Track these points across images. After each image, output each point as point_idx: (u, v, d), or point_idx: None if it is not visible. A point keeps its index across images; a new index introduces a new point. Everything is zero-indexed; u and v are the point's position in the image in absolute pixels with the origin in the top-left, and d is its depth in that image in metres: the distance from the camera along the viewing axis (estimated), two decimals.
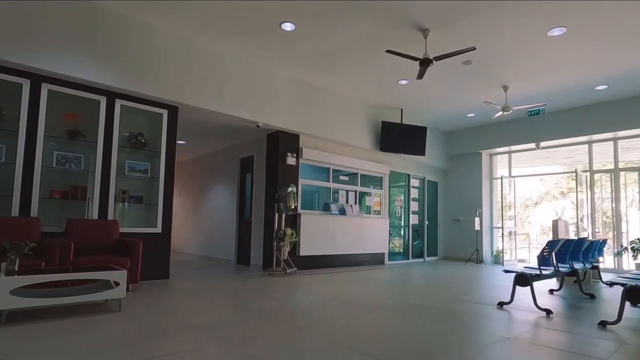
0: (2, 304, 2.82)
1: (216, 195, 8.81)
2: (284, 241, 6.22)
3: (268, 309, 3.68)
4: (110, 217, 4.92)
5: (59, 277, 3.13)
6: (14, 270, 3.06)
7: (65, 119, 4.74)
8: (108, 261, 4.21)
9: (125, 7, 4.77)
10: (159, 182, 5.37)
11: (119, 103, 4.99)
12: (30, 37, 4.22)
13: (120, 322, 3.04)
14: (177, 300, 3.97)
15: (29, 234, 4.13)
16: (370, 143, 8.19)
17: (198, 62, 5.54)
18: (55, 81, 4.52)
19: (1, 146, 4.30)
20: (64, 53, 4.42)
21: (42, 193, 4.50)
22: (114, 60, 4.78)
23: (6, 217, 4.10)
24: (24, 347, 2.39)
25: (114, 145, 4.96)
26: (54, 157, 4.64)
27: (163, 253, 5.37)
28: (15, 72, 4.27)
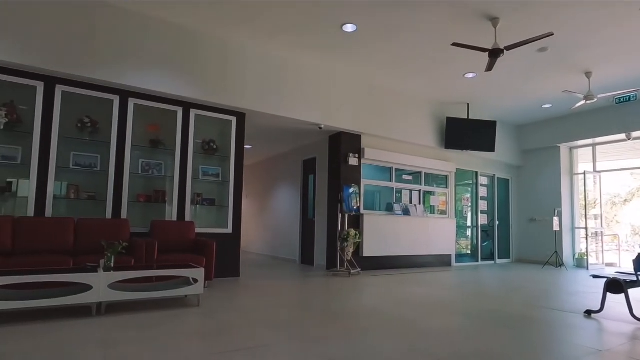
0: (102, 296, 3.18)
1: (280, 196, 9.10)
2: (348, 242, 6.25)
3: (336, 308, 3.73)
4: (187, 218, 5.32)
5: (148, 274, 3.45)
6: (111, 266, 3.43)
7: (148, 130, 5.21)
8: (186, 259, 4.55)
9: (197, 25, 5.11)
10: (229, 185, 5.68)
11: (194, 112, 5.38)
12: (119, 58, 4.71)
13: (200, 317, 3.27)
14: (248, 298, 4.18)
15: (120, 234, 4.60)
16: (435, 140, 7.92)
17: (262, 70, 5.78)
18: (140, 96, 5.00)
19: (97, 156, 4.85)
20: (147, 70, 4.87)
21: (130, 197, 4.99)
22: (188, 74, 5.16)
23: (102, 219, 4.61)
24: (122, 336, 2.67)
25: (190, 152, 5.35)
26: (139, 165, 5.13)
27: (233, 252, 5.68)
28: (107, 89, 4.80)
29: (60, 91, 4.50)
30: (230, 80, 5.48)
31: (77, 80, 4.58)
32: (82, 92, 4.65)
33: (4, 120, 4.19)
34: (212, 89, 5.33)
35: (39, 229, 4.18)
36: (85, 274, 3.14)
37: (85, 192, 4.79)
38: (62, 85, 4.51)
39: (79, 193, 4.74)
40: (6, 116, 4.20)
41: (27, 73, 4.34)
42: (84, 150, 4.80)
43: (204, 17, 4.95)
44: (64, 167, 4.62)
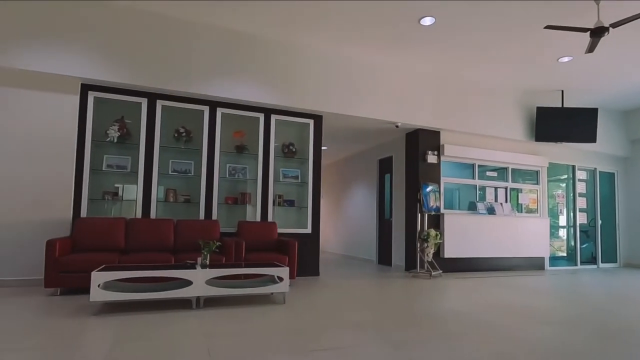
0: (201, 291, 3.49)
1: (356, 196, 9.12)
2: (428, 242, 6.05)
3: (418, 311, 3.63)
4: (269, 219, 5.59)
5: (241, 272, 3.70)
6: (207, 264, 3.75)
7: (233, 136, 5.59)
8: (270, 258, 4.79)
9: (273, 33, 5.35)
10: (308, 186, 5.85)
11: (274, 118, 5.64)
12: (209, 72, 5.11)
13: (286, 314, 3.42)
14: (330, 297, 4.26)
15: (212, 234, 5.00)
16: (523, 133, 7.31)
17: (337, 72, 5.84)
18: (227, 105, 5.38)
19: (190, 162, 5.33)
20: (233, 81, 5.22)
21: (219, 199, 5.40)
22: (269, 81, 5.42)
23: (196, 220, 5.05)
24: (220, 329, 2.90)
25: (271, 156, 5.62)
26: (226, 169, 5.52)
27: (313, 252, 5.83)
28: (198, 101, 5.24)
29: (160, 105, 5.04)
30: (307, 84, 5.64)
31: (174, 94, 5.08)
32: (178, 105, 5.15)
33: (116, 134, 4.81)
34: (290, 94, 5.53)
35: (145, 229, 4.71)
36: (186, 271, 3.47)
37: (181, 195, 5.29)
38: (162, 100, 5.05)
39: (177, 196, 5.24)
40: (118, 130, 4.82)
41: (134, 91, 4.93)
42: (180, 157, 5.31)
43: (281, 25, 5.15)
44: (164, 174, 5.16)
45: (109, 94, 4.82)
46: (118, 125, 4.85)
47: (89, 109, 4.72)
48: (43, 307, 3.46)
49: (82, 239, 4.41)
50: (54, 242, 3.92)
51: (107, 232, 4.51)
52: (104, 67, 4.62)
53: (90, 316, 3.16)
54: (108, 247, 4.49)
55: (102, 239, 4.48)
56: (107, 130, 4.84)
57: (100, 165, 4.89)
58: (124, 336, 2.66)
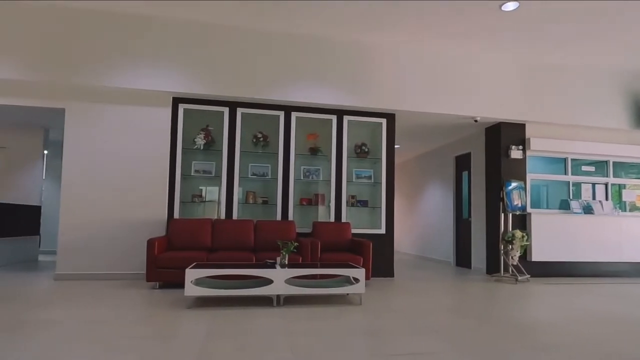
0: (281, 289, 3.66)
1: (431, 195, 8.81)
2: (513, 244, 5.63)
3: (505, 319, 3.41)
4: (343, 219, 5.65)
5: (319, 272, 3.80)
6: (285, 263, 3.91)
7: (307, 139, 5.76)
8: (345, 259, 4.84)
9: (346, 34, 5.39)
10: (381, 186, 5.80)
11: (346, 119, 5.69)
12: (285, 78, 5.32)
13: (363, 315, 3.44)
14: (407, 299, 4.18)
15: (288, 234, 5.20)
16: (627, 121, 6.45)
17: (409, 68, 5.70)
18: (300, 109, 5.56)
19: (268, 165, 5.60)
20: (306, 86, 5.37)
21: (295, 201, 5.60)
22: (342, 82, 5.48)
23: (273, 221, 5.29)
24: (300, 327, 3.01)
25: (344, 156, 5.67)
26: (301, 171, 5.70)
27: (387, 253, 5.76)
28: (274, 106, 5.49)
29: (240, 113, 5.38)
30: (380, 83, 5.59)
31: (252, 102, 5.38)
32: (256, 111, 5.45)
33: (202, 141, 5.24)
34: (362, 94, 5.53)
35: (229, 229, 5.06)
36: (269, 270, 3.66)
37: (260, 197, 5.58)
38: (241, 107, 5.38)
39: (256, 198, 5.54)
40: (204, 138, 5.25)
41: (217, 101, 5.32)
42: (258, 161, 5.61)
43: (354, 25, 5.17)
44: (244, 177, 5.50)
45: (196, 105, 5.27)
46: (204, 134, 5.28)
47: (179, 120, 5.21)
48: (146, 299, 3.90)
49: (175, 238, 4.88)
50: (154, 241, 4.39)
51: (196, 232, 4.93)
52: (191, 81, 5.06)
53: (185, 309, 3.49)
54: (197, 245, 4.91)
55: (192, 239, 4.91)
56: (194, 139, 5.30)
57: (189, 170, 5.37)
58: (215, 329, 2.89)
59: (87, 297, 3.91)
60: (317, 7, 4.70)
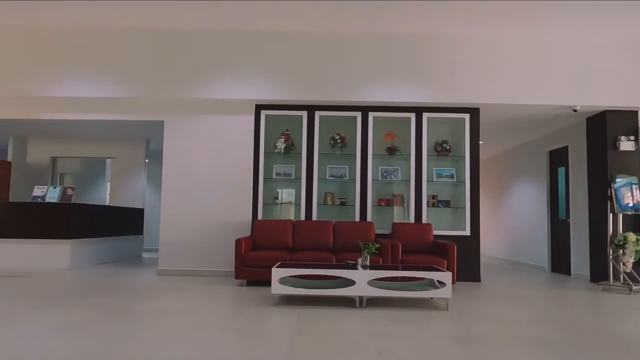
0: (363, 291, 3.63)
1: (519, 193, 8.11)
2: (626, 249, 4.93)
3: (616, 333, 2.98)
4: (424, 220, 5.44)
5: (400, 274, 3.71)
6: (367, 265, 3.87)
7: (384, 139, 5.67)
8: (427, 261, 4.65)
9: (423, 29, 5.21)
10: (465, 185, 5.48)
11: (426, 116, 5.49)
12: (361, 79, 5.31)
13: (450, 321, 3.26)
14: (497, 306, 3.88)
15: (367, 235, 5.15)
16: None
17: (495, 58, 5.31)
18: (378, 108, 5.49)
19: (345, 167, 5.63)
20: (383, 84, 5.30)
21: (373, 201, 5.54)
22: (420, 79, 5.30)
23: (352, 222, 5.28)
24: (385, 329, 2.95)
25: (424, 155, 5.48)
26: (379, 172, 5.63)
27: (473, 256, 5.42)
28: (351, 108, 5.49)
29: (318, 116, 5.49)
30: (461, 76, 5.30)
31: (330, 104, 5.45)
32: (333, 113, 5.51)
33: (282, 145, 5.45)
34: (443, 89, 5.29)
35: (309, 230, 5.17)
36: (352, 271, 3.66)
37: (338, 198, 5.62)
38: (319, 110, 5.49)
39: (334, 199, 5.60)
40: (284, 142, 5.45)
41: (295, 106, 5.49)
42: (336, 162, 5.66)
43: (432, 19, 4.97)
44: (322, 178, 5.58)
45: (276, 110, 5.50)
46: (284, 138, 5.48)
47: (261, 126, 5.48)
48: (236, 295, 4.15)
49: (259, 238, 5.12)
50: (241, 241, 4.65)
51: (278, 233, 5.13)
52: (272, 88, 5.29)
53: (271, 306, 3.64)
54: (279, 245, 5.10)
55: (275, 239, 5.11)
56: (275, 143, 5.52)
57: (270, 173, 5.61)
58: (303, 327, 2.96)
59: (185, 292, 4.27)
60: (391, 5, 4.60)
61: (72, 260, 5.85)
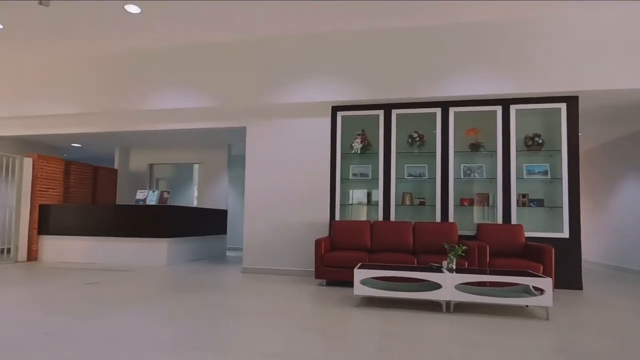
0: (450, 295, 3.45)
1: (627, 191, 7.11)
2: None
3: None
4: (513, 221, 5.02)
5: (492, 279, 3.45)
6: (453, 268, 3.67)
7: (466, 134, 5.35)
8: (519, 265, 4.28)
9: (506, 13, 4.82)
10: (561, 182, 4.95)
11: (514, 108, 5.07)
12: (440, 74, 5.09)
13: (555, 333, 2.94)
14: (606, 319, 3.42)
15: (449, 237, 4.90)
16: None
17: (595, 38, 4.73)
18: (459, 103, 5.20)
19: (424, 165, 5.42)
20: (465, 78, 5.01)
21: (455, 201, 5.25)
22: (506, 69, 4.92)
23: (433, 223, 5.06)
24: (475, 337, 2.76)
25: (512, 151, 5.06)
26: (461, 170, 5.32)
27: (572, 260, 4.87)
28: (430, 104, 5.28)
29: (395, 114, 5.36)
30: (553, 63, 4.80)
31: (407, 102, 5.30)
32: (411, 111, 5.33)
33: (359, 146, 5.42)
34: (533, 77, 4.84)
35: (387, 231, 5.07)
36: (437, 274, 3.50)
37: (416, 198, 5.43)
38: (396, 109, 5.36)
39: (412, 199, 5.42)
40: (360, 142, 5.41)
41: (371, 105, 5.43)
42: (414, 161, 5.48)
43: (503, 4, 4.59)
44: (400, 178, 5.44)
45: (352, 111, 5.49)
46: (360, 138, 5.45)
47: (338, 127, 5.51)
48: (317, 294, 4.20)
49: (337, 239, 5.14)
50: (320, 242, 4.71)
51: (356, 234, 5.10)
52: (347, 89, 5.30)
53: (353, 307, 3.61)
54: (358, 246, 5.07)
55: (353, 239, 5.09)
56: (351, 144, 5.51)
57: (347, 174, 5.61)
58: (389, 330, 2.89)
59: (269, 289, 4.44)
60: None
61: (169, 257, 6.43)
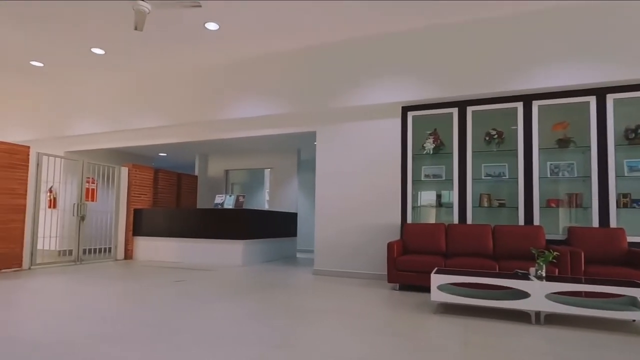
0: (541, 305, 3.16)
1: None
2: None
3: None
4: (612, 224, 4.47)
5: (591, 288, 3.11)
6: (543, 275, 3.37)
7: (553, 129, 4.90)
8: (622, 274, 3.79)
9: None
10: None
11: (611, 98, 4.52)
12: (519, 65, 4.74)
13: None
14: None
15: (535, 241, 4.50)
16: None
17: None
18: (543, 96, 4.78)
19: (504, 165, 5.06)
20: (550, 67, 4.60)
21: (541, 202, 4.82)
22: (598, 54, 4.42)
23: (515, 226, 4.69)
24: (571, 354, 2.49)
25: (609, 145, 4.51)
26: (547, 168, 4.88)
27: None
28: (509, 98, 4.90)
29: (470, 111, 5.08)
30: None
31: (483, 97, 4.99)
32: (488, 107, 5.01)
33: (431, 146, 5.23)
34: (633, 62, 4.29)
35: (464, 234, 4.81)
36: (525, 282, 3.24)
37: (496, 199, 5.08)
38: (471, 105, 5.08)
39: (491, 201, 5.08)
40: (433, 142, 5.22)
41: (444, 103, 5.20)
42: (492, 160, 5.14)
43: None
44: (476, 179, 5.14)
45: (423, 110, 5.31)
46: (432, 138, 5.26)
47: (408, 128, 5.37)
48: (390, 299, 4.11)
49: (410, 242, 5.00)
50: (393, 245, 4.62)
51: (430, 237, 4.92)
52: (418, 88, 5.15)
53: (431, 314, 3.47)
54: (432, 250, 4.88)
55: (427, 243, 4.91)
56: (423, 144, 5.34)
57: (419, 175, 5.44)
58: (473, 340, 2.73)
59: (340, 292, 4.45)
60: None
61: (244, 257, 6.75)
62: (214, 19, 5.08)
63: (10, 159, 5.66)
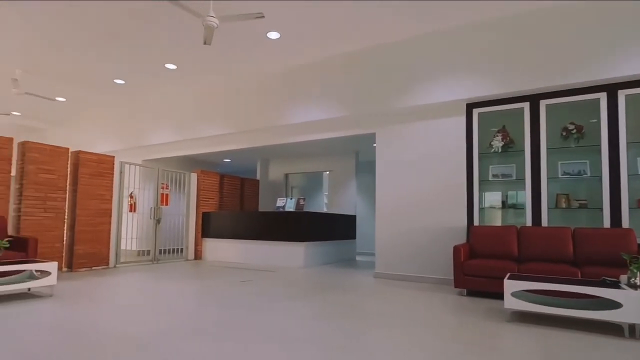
0: (635, 317, 2.83)
1: None
2: None
3: None
4: None
5: None
6: (637, 284, 3.02)
7: None
8: None
9: None
10: None
11: None
12: (601, 52, 4.32)
13: None
14: None
15: (625, 246, 4.05)
16: None
17: None
18: (632, 84, 4.30)
19: (585, 162, 4.62)
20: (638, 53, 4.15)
21: (630, 203, 4.33)
22: None
23: (599, 229, 4.26)
24: None
25: None
26: (637, 164, 4.37)
27: None
28: (589, 89, 4.47)
29: (544, 105, 4.71)
30: None
31: (559, 89, 4.61)
32: (565, 100, 4.61)
33: (500, 144, 4.93)
34: None
35: (539, 237, 4.46)
36: (613, 290, 2.93)
37: (575, 200, 4.66)
38: (545, 99, 4.71)
39: (570, 202, 4.67)
40: (501, 140, 4.92)
41: (513, 98, 4.88)
42: (570, 157, 4.73)
43: None
44: (552, 177, 4.75)
45: (490, 107, 5.03)
46: (501, 135, 4.96)
47: (474, 125, 5.12)
48: (457, 305, 3.93)
49: (478, 245, 4.74)
50: (459, 248, 4.41)
51: (500, 240, 4.63)
52: (484, 84, 4.89)
53: (504, 322, 3.26)
54: (502, 254, 4.59)
55: (496, 247, 4.63)
56: (490, 142, 5.05)
57: (486, 175, 5.15)
58: (555, 354, 2.52)
59: (404, 295, 4.34)
60: None
61: (305, 259, 6.86)
62: (275, 29, 5.26)
63: (99, 168, 6.30)
